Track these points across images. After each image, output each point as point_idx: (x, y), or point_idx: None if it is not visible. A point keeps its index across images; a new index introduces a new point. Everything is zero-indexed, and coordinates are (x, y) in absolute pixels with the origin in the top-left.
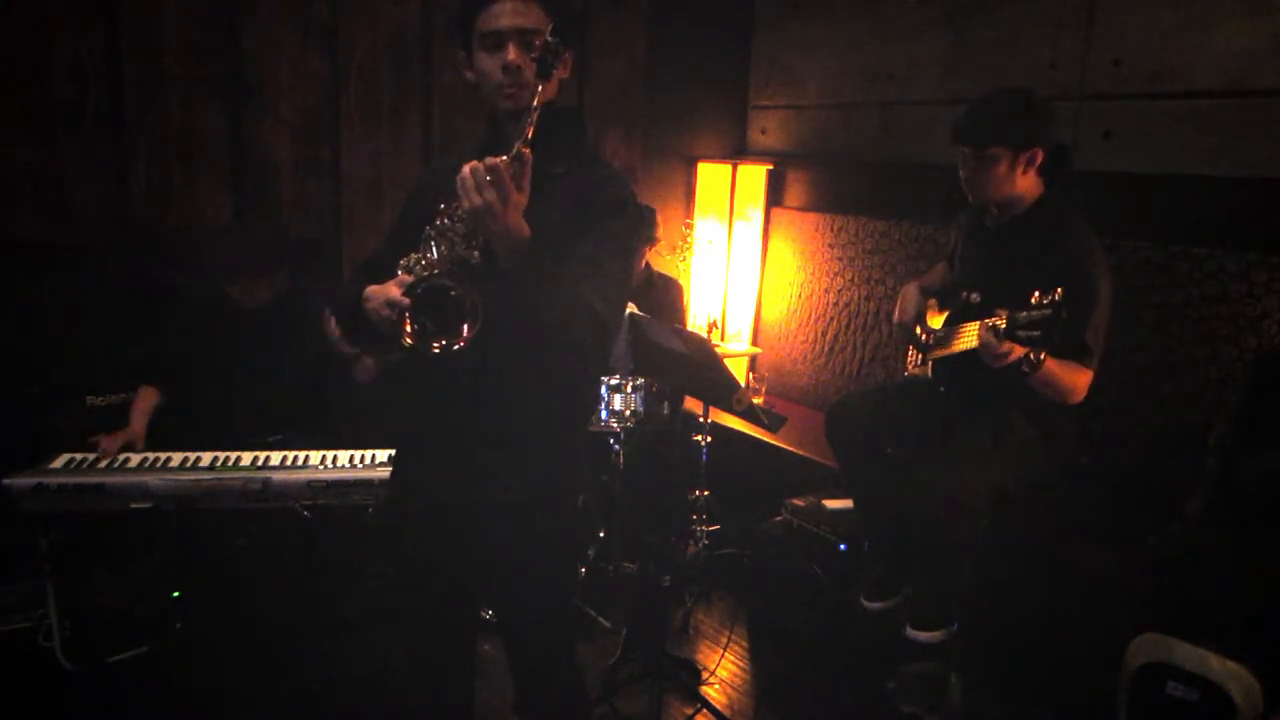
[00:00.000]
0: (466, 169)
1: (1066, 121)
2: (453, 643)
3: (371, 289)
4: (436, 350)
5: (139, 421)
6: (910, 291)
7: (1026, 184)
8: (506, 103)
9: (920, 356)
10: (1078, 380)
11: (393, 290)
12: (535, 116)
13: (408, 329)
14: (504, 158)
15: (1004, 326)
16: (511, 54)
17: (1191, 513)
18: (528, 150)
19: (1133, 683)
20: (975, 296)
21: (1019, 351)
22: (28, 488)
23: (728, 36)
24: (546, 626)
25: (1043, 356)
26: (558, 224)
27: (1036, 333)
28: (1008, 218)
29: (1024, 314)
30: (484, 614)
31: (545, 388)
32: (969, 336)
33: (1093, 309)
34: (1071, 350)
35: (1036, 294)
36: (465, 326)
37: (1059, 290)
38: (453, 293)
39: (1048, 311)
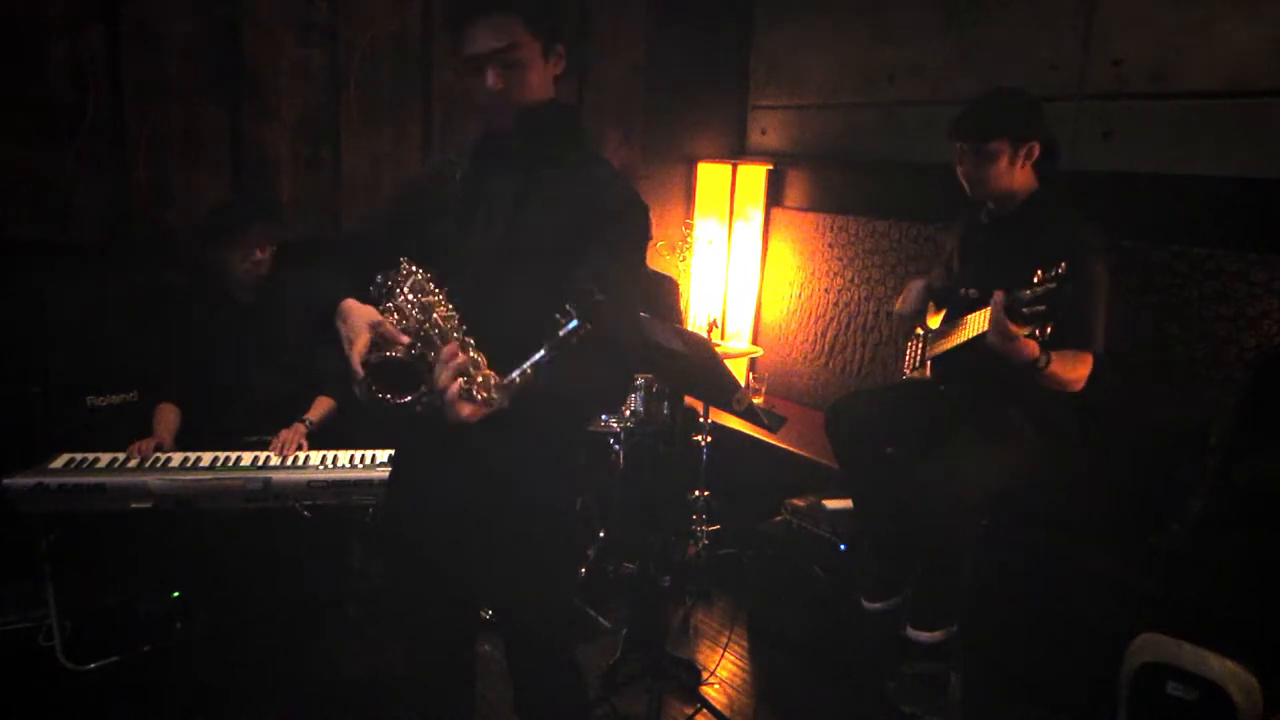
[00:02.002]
0: (454, 388)
1: (1067, 121)
2: (452, 643)
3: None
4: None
5: (164, 432)
6: (916, 285)
7: (1023, 178)
8: (494, 123)
9: (918, 358)
10: (1080, 370)
11: (355, 361)
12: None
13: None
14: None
15: (1011, 303)
16: (490, 79)
17: (1191, 513)
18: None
19: (1133, 683)
20: (973, 292)
21: (1026, 340)
22: (28, 488)
23: (728, 36)
24: (545, 626)
25: (1049, 356)
26: (560, 225)
27: (1041, 308)
28: (1003, 212)
29: (1027, 292)
30: (484, 614)
31: None
32: (969, 328)
33: (1089, 293)
34: (1074, 337)
35: (1039, 273)
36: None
37: (1062, 265)
38: (405, 362)
39: (1051, 285)
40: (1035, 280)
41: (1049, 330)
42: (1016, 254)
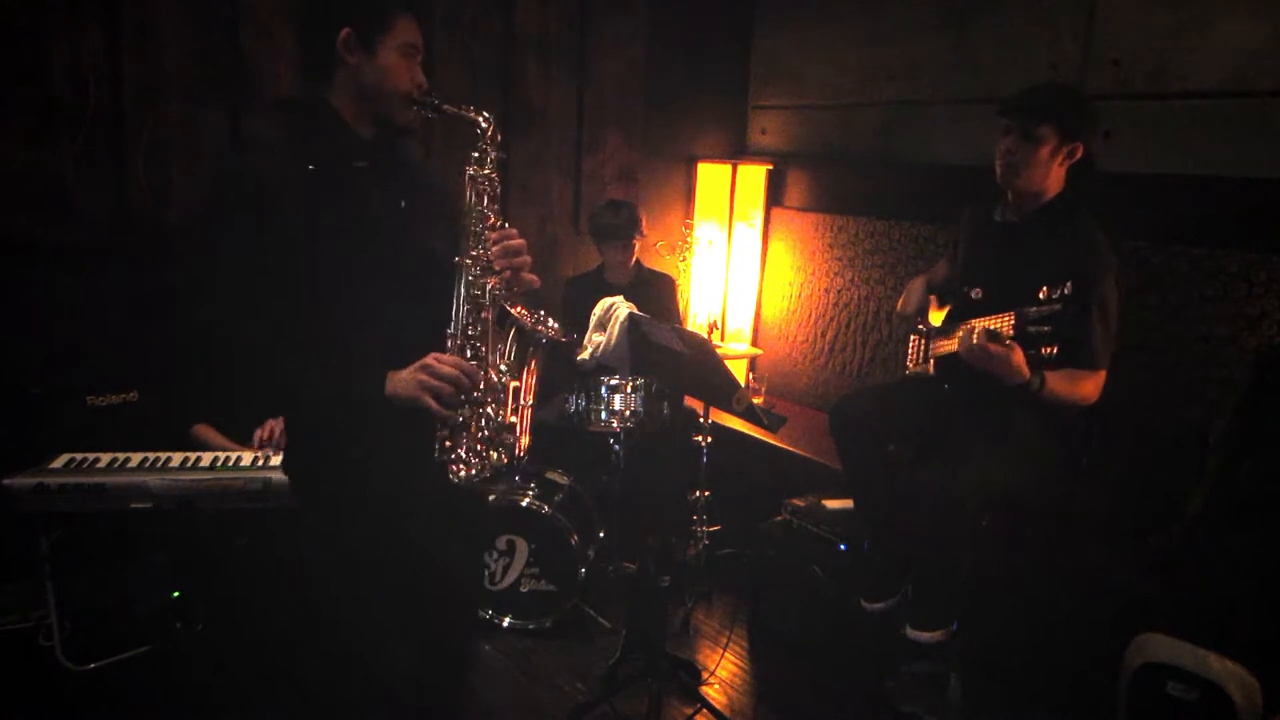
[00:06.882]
0: None
1: None
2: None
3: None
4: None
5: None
6: (916, 285)
7: (1055, 178)
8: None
9: (920, 354)
10: (1086, 387)
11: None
12: None
13: None
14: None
15: (995, 329)
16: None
17: (1191, 513)
18: None
19: (1133, 683)
20: (977, 293)
21: (1004, 351)
22: (28, 488)
23: (728, 36)
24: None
25: (1043, 378)
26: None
27: (1047, 328)
28: (1023, 211)
29: (1034, 309)
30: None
31: None
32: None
33: (1097, 316)
34: (1078, 358)
35: (1045, 289)
36: None
37: (1068, 285)
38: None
39: (1057, 307)
40: (1040, 297)
41: (1054, 350)
42: (1026, 260)
